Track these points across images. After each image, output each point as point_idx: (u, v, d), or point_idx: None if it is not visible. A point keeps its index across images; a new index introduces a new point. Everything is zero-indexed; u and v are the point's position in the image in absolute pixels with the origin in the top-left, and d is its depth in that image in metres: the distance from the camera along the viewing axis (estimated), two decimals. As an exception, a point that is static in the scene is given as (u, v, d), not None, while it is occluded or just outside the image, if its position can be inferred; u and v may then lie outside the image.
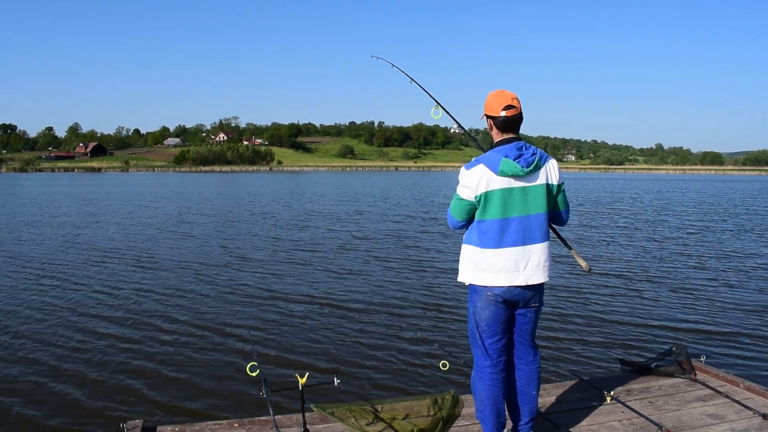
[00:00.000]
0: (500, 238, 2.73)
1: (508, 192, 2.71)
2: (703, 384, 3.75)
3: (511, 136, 2.79)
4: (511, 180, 2.71)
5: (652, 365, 4.00)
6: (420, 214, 22.31)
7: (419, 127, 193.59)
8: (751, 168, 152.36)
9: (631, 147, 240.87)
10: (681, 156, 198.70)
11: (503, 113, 2.75)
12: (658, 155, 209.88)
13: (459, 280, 2.91)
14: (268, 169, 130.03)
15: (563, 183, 2.86)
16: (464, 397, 3.47)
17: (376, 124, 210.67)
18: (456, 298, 8.40)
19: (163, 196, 35.09)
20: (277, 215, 21.64)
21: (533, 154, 2.72)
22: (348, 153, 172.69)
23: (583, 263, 3.02)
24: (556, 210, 2.87)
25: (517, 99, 2.78)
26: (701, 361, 4.06)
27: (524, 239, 2.74)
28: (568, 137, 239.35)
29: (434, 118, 3.48)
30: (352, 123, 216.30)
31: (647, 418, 3.20)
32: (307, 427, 2.98)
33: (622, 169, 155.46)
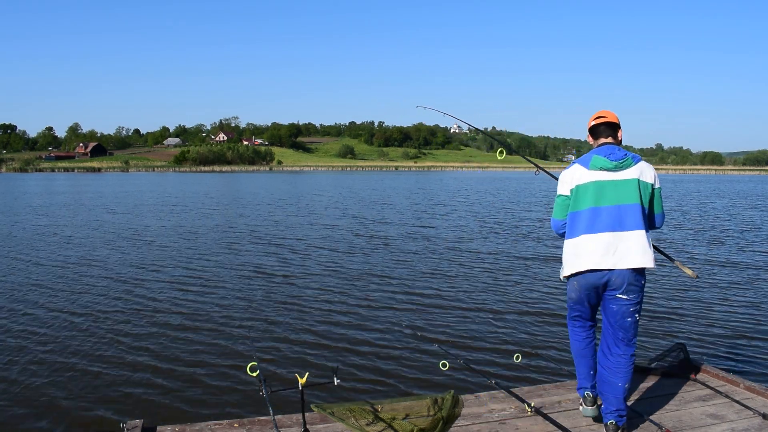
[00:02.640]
0: (592, 224, 3.00)
1: (599, 184, 3.02)
2: (703, 384, 3.74)
3: (604, 141, 3.17)
4: (602, 173, 3.02)
5: (652, 365, 4.00)
6: (418, 215, 22.31)
7: (419, 127, 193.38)
8: (751, 168, 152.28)
9: (631, 147, 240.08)
10: (681, 156, 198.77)
11: (593, 123, 3.24)
12: (658, 155, 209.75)
13: (561, 276, 3.20)
14: (268, 169, 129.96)
15: (660, 188, 3.12)
16: (464, 397, 3.47)
17: (376, 124, 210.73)
18: (455, 298, 8.40)
19: (156, 197, 35.08)
20: (282, 213, 21.66)
21: (625, 155, 3.05)
22: (348, 153, 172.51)
23: (689, 272, 3.29)
24: (651, 211, 3.10)
25: (612, 113, 3.21)
26: (701, 361, 4.06)
27: (614, 226, 2.97)
28: (568, 137, 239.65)
29: (499, 158, 3.91)
30: (352, 123, 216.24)
31: (647, 418, 3.20)
32: (307, 427, 2.98)
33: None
